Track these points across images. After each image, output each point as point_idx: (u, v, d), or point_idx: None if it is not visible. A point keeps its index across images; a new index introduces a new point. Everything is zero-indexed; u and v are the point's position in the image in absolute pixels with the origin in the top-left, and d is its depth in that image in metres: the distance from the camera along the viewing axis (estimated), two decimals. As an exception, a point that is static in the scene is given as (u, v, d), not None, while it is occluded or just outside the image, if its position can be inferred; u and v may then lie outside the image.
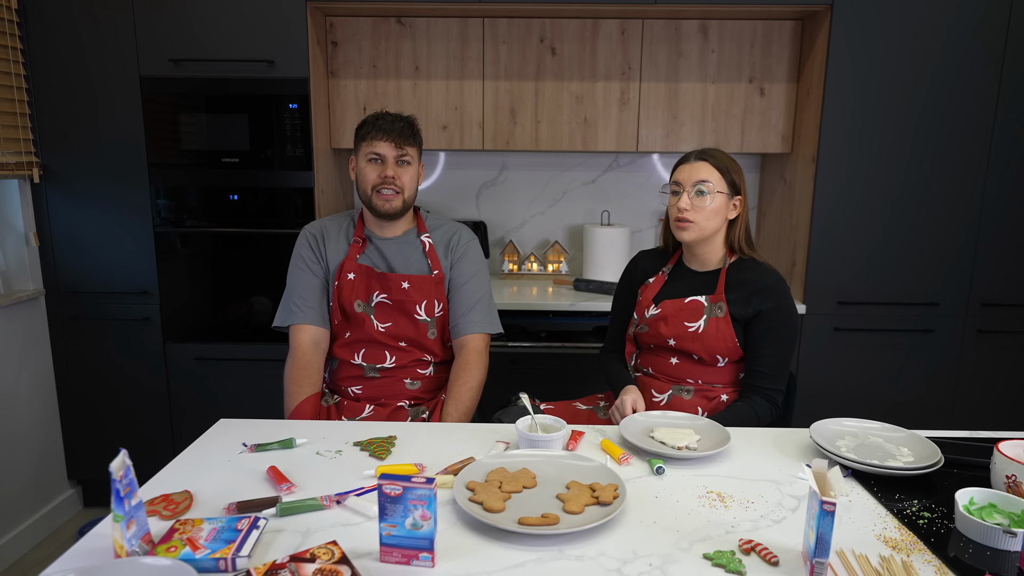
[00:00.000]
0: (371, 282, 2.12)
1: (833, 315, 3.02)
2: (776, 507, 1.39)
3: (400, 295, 2.10)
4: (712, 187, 1.97)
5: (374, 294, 2.11)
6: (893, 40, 2.83)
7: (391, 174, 2.07)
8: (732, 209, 2.01)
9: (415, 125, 2.14)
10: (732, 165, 2.00)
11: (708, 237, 2.02)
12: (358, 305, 2.11)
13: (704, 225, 1.99)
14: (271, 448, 1.64)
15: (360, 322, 2.11)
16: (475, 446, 1.67)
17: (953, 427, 3.10)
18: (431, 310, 2.13)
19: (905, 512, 1.38)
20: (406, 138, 2.09)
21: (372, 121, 2.09)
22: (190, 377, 3.09)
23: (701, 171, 1.98)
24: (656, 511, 1.37)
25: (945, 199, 2.94)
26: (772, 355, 1.95)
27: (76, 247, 2.99)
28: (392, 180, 2.07)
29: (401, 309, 2.11)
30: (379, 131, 2.06)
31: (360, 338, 2.13)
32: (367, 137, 2.08)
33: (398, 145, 2.07)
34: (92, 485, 3.30)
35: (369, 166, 2.09)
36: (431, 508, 1.16)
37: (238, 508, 1.34)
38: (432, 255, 2.16)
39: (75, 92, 2.88)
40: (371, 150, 2.07)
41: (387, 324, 2.12)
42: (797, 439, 1.74)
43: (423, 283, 2.12)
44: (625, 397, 1.95)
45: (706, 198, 1.97)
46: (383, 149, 2.07)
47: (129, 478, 1.15)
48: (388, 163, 2.08)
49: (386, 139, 2.06)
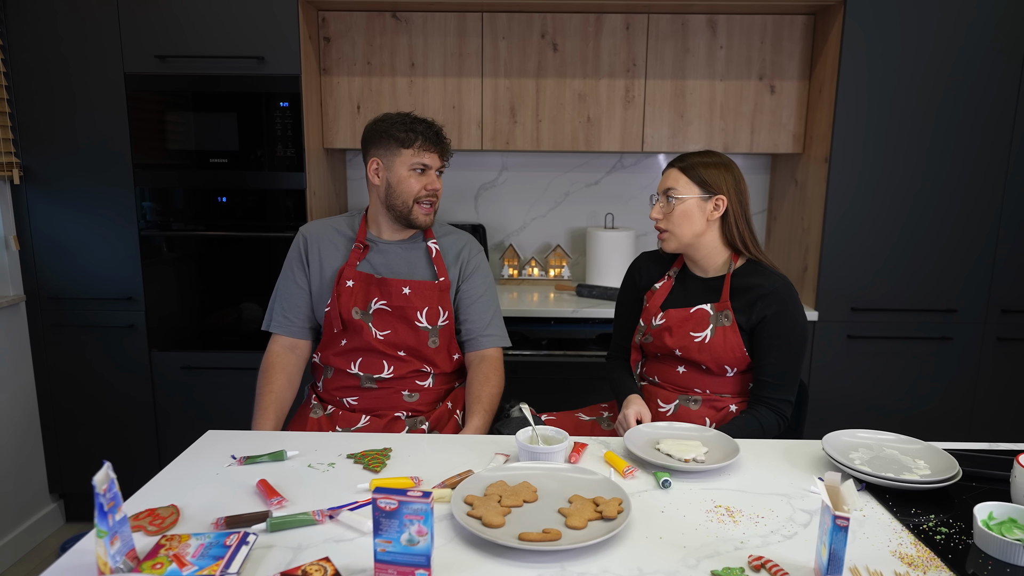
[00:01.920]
0: (370, 288, 2.12)
1: (846, 322, 3.03)
2: (787, 522, 1.39)
3: (400, 300, 2.10)
4: (678, 192, 1.98)
5: (373, 300, 2.11)
6: (911, 35, 2.84)
7: (438, 187, 2.12)
8: (714, 209, 1.98)
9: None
10: (706, 167, 1.97)
11: (692, 242, 2.01)
12: (356, 312, 2.11)
13: (678, 232, 2.00)
14: (261, 460, 1.64)
15: (358, 329, 2.11)
16: (474, 458, 1.67)
17: (971, 439, 3.10)
18: (434, 318, 2.13)
19: (921, 527, 1.38)
20: (447, 149, 2.13)
21: (412, 126, 2.08)
22: (177, 386, 3.09)
23: (668, 178, 2.01)
24: (662, 526, 1.37)
25: (964, 201, 2.94)
26: (777, 364, 1.95)
27: (58, 251, 3.00)
28: (436, 193, 2.12)
29: (401, 316, 2.11)
30: (429, 142, 2.07)
31: (357, 346, 2.12)
32: (413, 146, 2.07)
33: (443, 157, 2.12)
34: (74, 499, 3.31)
35: (413, 176, 2.08)
36: (428, 523, 1.16)
37: (227, 523, 1.34)
38: (439, 262, 2.17)
39: (57, 90, 2.89)
40: (419, 160, 2.08)
41: (386, 332, 2.11)
42: (809, 451, 1.74)
43: (426, 289, 2.12)
44: (627, 410, 1.95)
45: (672, 204, 1.99)
46: (431, 161, 2.09)
47: (113, 492, 1.15)
48: (431, 175, 2.11)
49: (435, 151, 2.09)
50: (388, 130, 2.09)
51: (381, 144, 2.10)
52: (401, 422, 2.11)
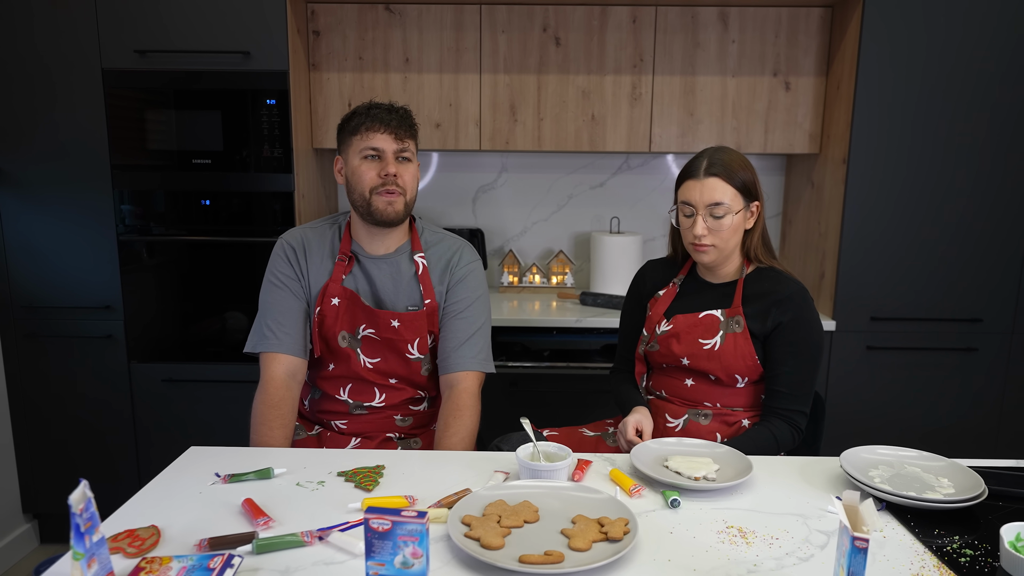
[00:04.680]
0: (356, 313, 2.04)
1: (866, 332, 3.03)
2: (803, 544, 1.40)
3: (389, 332, 2.03)
4: (728, 207, 1.94)
5: (360, 327, 2.05)
6: (936, 28, 2.84)
7: (393, 171, 1.97)
8: (749, 217, 2.00)
9: (412, 116, 2.05)
10: (742, 170, 1.96)
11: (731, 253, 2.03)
12: (343, 339, 2.05)
13: (725, 247, 1.98)
14: (247, 479, 1.64)
15: (345, 357, 2.06)
16: (472, 476, 1.68)
17: (998, 455, 3.10)
18: (424, 346, 2.08)
19: (945, 549, 1.38)
20: (406, 130, 1.99)
21: (365, 111, 1.98)
22: (158, 400, 3.09)
23: (715, 192, 1.93)
24: (671, 548, 1.37)
25: (992, 205, 2.94)
26: (792, 373, 1.95)
27: (32, 257, 3.00)
28: (394, 178, 1.97)
29: (391, 347, 2.06)
30: (376, 121, 1.96)
31: (345, 373, 2.07)
32: (360, 130, 1.97)
33: (399, 138, 1.98)
34: (50, 519, 3.30)
35: (365, 164, 1.98)
36: (423, 545, 1.17)
37: (210, 545, 1.34)
38: (425, 280, 2.08)
39: (30, 87, 2.89)
40: (367, 144, 1.96)
41: (375, 360, 2.06)
42: (826, 469, 1.74)
43: (414, 320, 2.04)
44: (628, 419, 1.95)
45: (723, 221, 1.94)
46: (382, 143, 1.96)
47: (90, 511, 1.16)
48: (388, 159, 1.97)
49: (385, 131, 1.96)
50: (345, 122, 2.03)
51: (339, 139, 2.05)
52: (393, 443, 2.09)
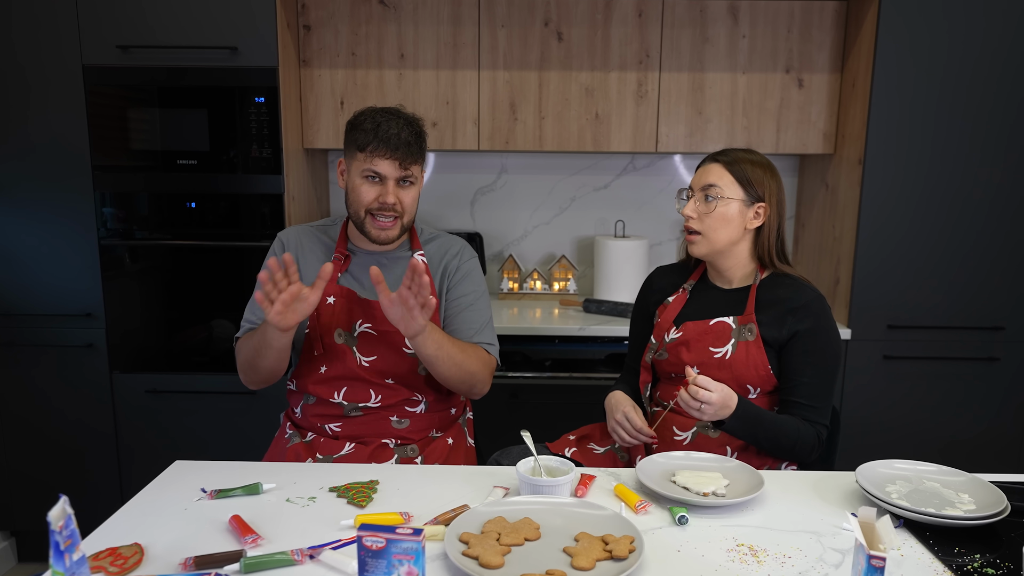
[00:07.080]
0: (353, 308, 2.08)
1: (883, 341, 3.03)
2: (817, 562, 1.40)
3: (386, 325, 2.03)
4: (721, 191, 1.98)
5: (357, 323, 2.08)
6: (957, 23, 2.84)
7: (391, 200, 2.00)
8: (754, 218, 2.01)
9: (423, 134, 2.07)
10: (750, 166, 1.99)
11: (724, 250, 2.03)
12: (339, 335, 2.07)
13: (713, 236, 2.00)
14: (234, 494, 1.64)
15: (340, 355, 2.08)
16: (470, 492, 1.68)
17: (1021, 470, 3.09)
18: None
19: (966, 568, 1.38)
20: (412, 155, 2.01)
21: (372, 129, 1.98)
22: (141, 412, 3.09)
23: (710, 174, 2.01)
24: (678, 567, 1.37)
25: (1016, 208, 2.95)
26: (812, 383, 1.95)
27: (9, 262, 3.00)
28: (392, 206, 2.01)
29: (388, 342, 2.08)
30: (382, 146, 1.97)
31: (340, 374, 2.09)
32: (366, 149, 1.98)
33: (403, 165, 2.00)
34: (28, 537, 3.30)
35: (366, 184, 2.01)
36: (418, 564, 1.17)
37: (196, 564, 1.35)
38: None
39: (6, 84, 2.89)
40: (369, 167, 1.99)
41: (371, 358, 2.08)
42: (841, 484, 1.74)
43: None
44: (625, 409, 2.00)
45: (713, 204, 1.98)
46: (385, 169, 1.99)
47: (70, 528, 1.16)
48: (389, 187, 2.00)
49: (390, 157, 1.98)
50: (353, 127, 2.04)
51: (346, 142, 2.07)
52: (389, 450, 2.10)
